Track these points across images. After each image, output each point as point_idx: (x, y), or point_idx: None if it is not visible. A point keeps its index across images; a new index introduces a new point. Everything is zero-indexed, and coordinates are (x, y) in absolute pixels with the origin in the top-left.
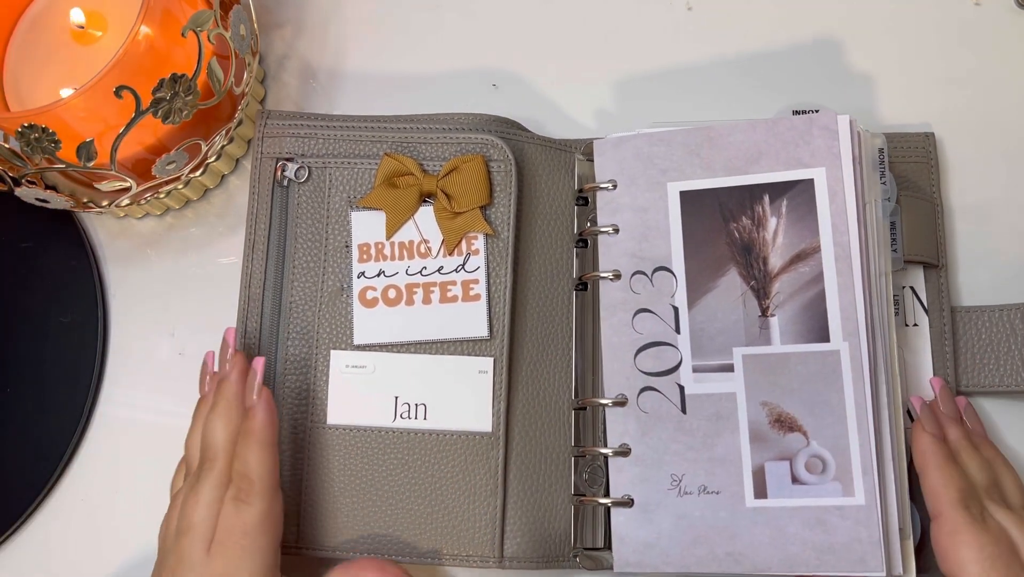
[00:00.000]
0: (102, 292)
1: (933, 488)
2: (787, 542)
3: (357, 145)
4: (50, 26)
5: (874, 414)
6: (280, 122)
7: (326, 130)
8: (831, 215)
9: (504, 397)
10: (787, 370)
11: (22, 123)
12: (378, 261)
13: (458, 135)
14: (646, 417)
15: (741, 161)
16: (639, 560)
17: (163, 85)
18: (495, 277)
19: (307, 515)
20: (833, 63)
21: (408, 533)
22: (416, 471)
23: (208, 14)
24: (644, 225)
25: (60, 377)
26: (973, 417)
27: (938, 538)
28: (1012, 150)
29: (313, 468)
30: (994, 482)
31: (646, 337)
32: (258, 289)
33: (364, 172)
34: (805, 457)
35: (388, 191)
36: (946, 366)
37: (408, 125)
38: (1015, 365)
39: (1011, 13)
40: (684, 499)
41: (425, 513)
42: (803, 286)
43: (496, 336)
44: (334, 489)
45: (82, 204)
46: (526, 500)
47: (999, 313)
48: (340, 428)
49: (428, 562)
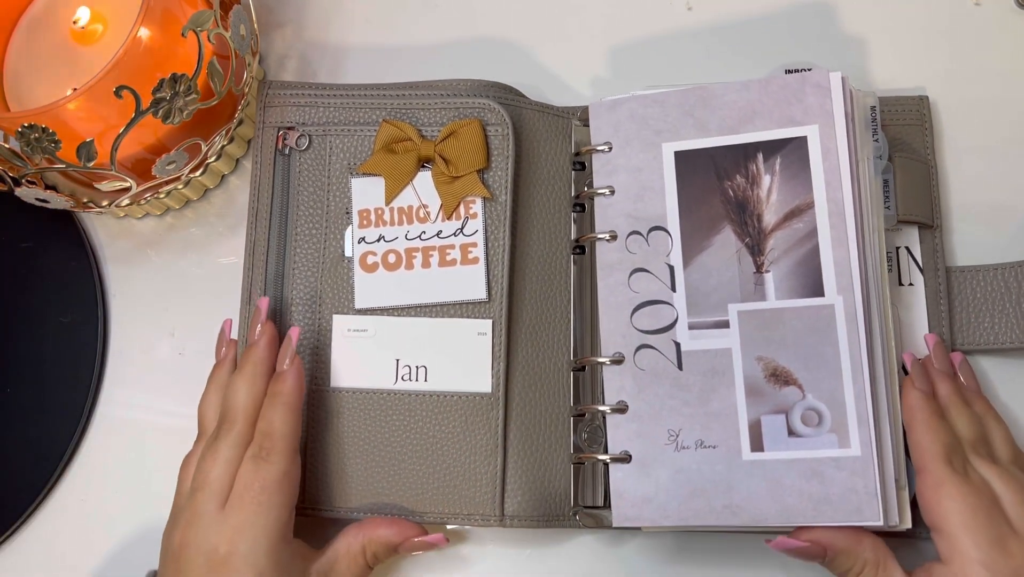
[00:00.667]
0: (102, 292)
1: (918, 443)
2: (784, 494)
3: (357, 112)
4: (50, 26)
5: (869, 367)
6: (281, 91)
7: (326, 98)
8: (824, 172)
9: (503, 358)
10: (782, 325)
11: (22, 123)
12: (378, 227)
13: (455, 100)
14: (643, 374)
15: (735, 120)
16: (637, 514)
17: (163, 85)
18: (493, 240)
19: (312, 477)
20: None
21: (411, 493)
22: (418, 432)
23: (208, 14)
24: (639, 186)
25: (60, 377)
26: (968, 373)
27: (922, 491)
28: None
29: (318, 431)
30: (982, 437)
31: (642, 296)
32: (262, 257)
33: (364, 139)
34: (801, 410)
35: (387, 157)
36: (941, 325)
37: (407, 92)
38: (1009, 323)
39: (1011, 13)
40: (681, 453)
41: (427, 473)
42: (797, 242)
43: (495, 298)
44: (338, 451)
45: (82, 204)
46: (526, 460)
47: (993, 272)
48: (343, 391)
49: (431, 521)
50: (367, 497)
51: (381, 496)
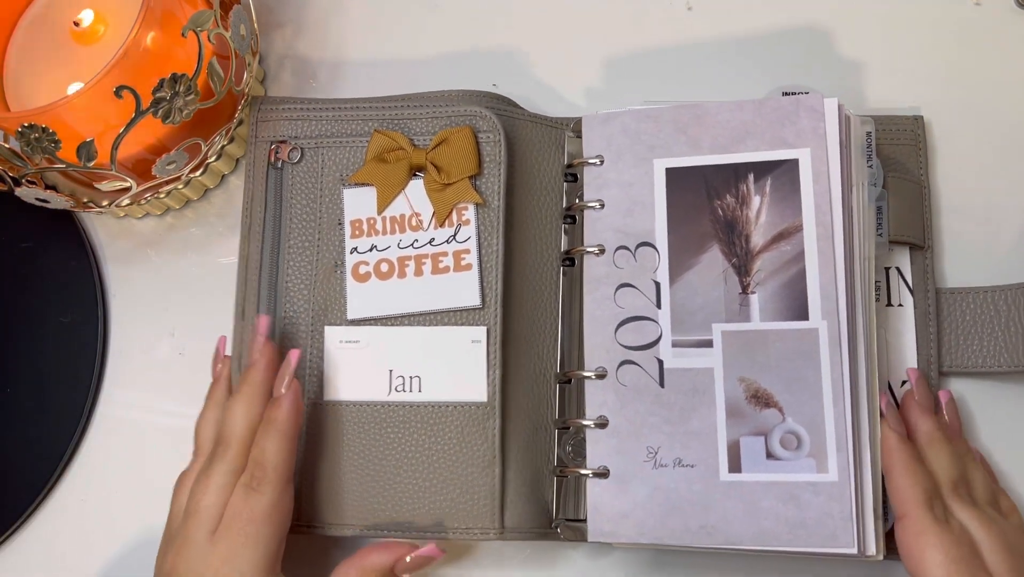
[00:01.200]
0: (102, 292)
1: (898, 488)
2: (760, 516)
3: (349, 124)
4: (50, 26)
5: (852, 393)
6: (274, 107)
7: (318, 111)
8: (815, 195)
9: (499, 365)
10: (765, 347)
11: (22, 123)
12: (370, 236)
13: (447, 109)
14: (625, 390)
15: (727, 140)
16: (613, 530)
17: (163, 85)
18: (486, 246)
19: (307, 493)
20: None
21: (407, 507)
22: (413, 444)
23: (208, 14)
24: (629, 200)
25: (60, 377)
26: (952, 412)
27: (903, 538)
28: (1002, 136)
29: (312, 446)
30: (962, 476)
31: (627, 311)
32: (255, 272)
33: (356, 150)
34: (780, 433)
35: (378, 166)
36: (930, 346)
37: (399, 104)
38: (998, 346)
39: (1011, 13)
40: (659, 471)
41: (424, 486)
42: (784, 264)
43: (489, 305)
44: (333, 466)
45: (82, 204)
46: (524, 470)
47: (983, 295)
48: (337, 404)
49: (429, 536)
50: (363, 513)
51: (377, 512)
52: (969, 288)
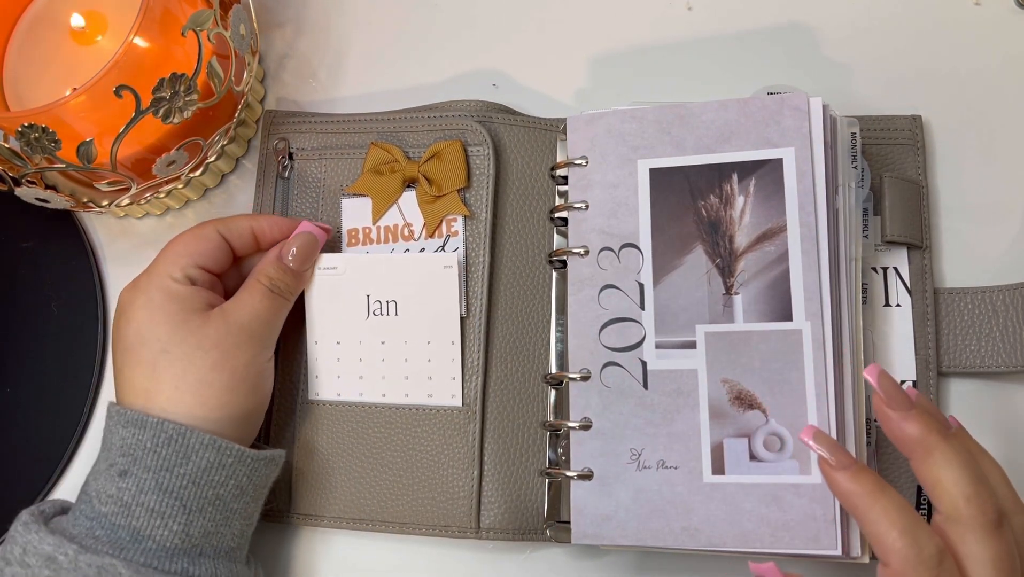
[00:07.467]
0: (102, 292)
1: (871, 534)
2: (743, 518)
3: (351, 137)
4: (50, 26)
5: (836, 395)
6: (282, 120)
7: (324, 125)
8: (799, 195)
9: (480, 372)
10: (749, 348)
11: (22, 123)
12: (365, 244)
13: (439, 121)
14: (608, 392)
15: (712, 140)
16: (596, 532)
17: (163, 85)
18: (473, 257)
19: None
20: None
21: (391, 505)
22: (397, 445)
23: (208, 13)
24: (614, 202)
25: (60, 377)
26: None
27: None
28: (1000, 137)
29: (300, 442)
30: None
31: (611, 313)
32: None
33: (356, 162)
34: (763, 435)
35: (374, 178)
36: (928, 347)
37: (398, 116)
38: (996, 347)
39: (1011, 13)
40: (642, 473)
41: (406, 485)
42: (768, 265)
43: (473, 314)
44: (322, 462)
45: (82, 204)
46: (502, 473)
47: (981, 295)
48: (323, 403)
49: (409, 532)
50: (346, 507)
51: (361, 507)
52: (967, 288)
